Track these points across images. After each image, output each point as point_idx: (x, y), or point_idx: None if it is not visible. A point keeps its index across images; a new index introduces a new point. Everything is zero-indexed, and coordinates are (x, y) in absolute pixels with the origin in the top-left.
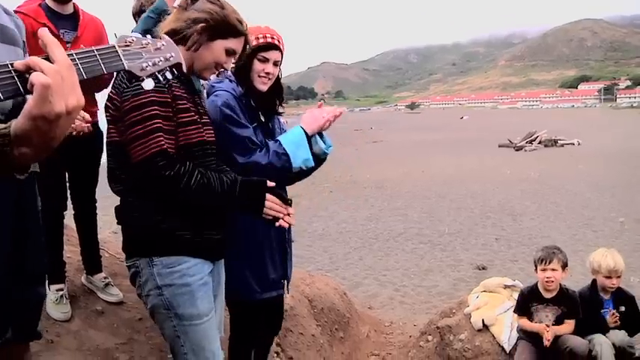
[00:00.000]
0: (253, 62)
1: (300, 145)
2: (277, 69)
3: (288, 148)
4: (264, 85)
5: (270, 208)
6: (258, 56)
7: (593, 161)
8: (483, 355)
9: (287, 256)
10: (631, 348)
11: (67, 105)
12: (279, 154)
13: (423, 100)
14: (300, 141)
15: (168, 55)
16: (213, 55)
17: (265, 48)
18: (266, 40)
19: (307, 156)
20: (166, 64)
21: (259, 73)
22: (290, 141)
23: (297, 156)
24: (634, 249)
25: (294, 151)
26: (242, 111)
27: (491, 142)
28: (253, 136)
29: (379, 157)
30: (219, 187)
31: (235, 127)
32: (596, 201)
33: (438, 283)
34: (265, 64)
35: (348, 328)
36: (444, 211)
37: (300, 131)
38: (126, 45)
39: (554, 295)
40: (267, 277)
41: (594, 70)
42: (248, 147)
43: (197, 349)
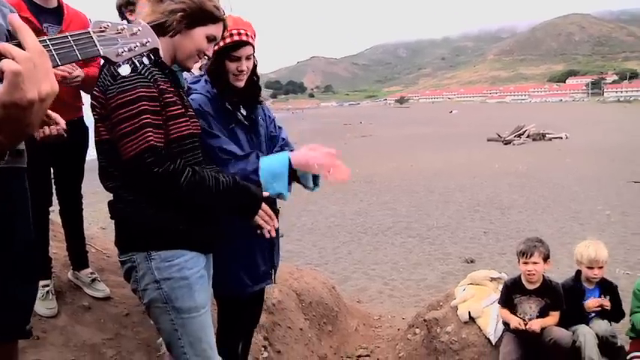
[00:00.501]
0: (225, 63)
1: (278, 179)
2: (251, 62)
3: (263, 176)
4: (241, 81)
5: (261, 217)
6: (228, 56)
7: (580, 155)
8: (470, 347)
9: (275, 248)
10: (613, 337)
11: (39, 92)
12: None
13: (413, 94)
14: (281, 174)
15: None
16: (194, 44)
17: (235, 47)
18: (233, 39)
19: (282, 190)
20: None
21: (233, 72)
22: (269, 170)
23: (272, 187)
24: (620, 241)
25: (270, 181)
26: (217, 113)
27: (479, 136)
28: (226, 144)
29: (368, 152)
30: (214, 187)
31: (205, 137)
32: (582, 194)
33: (427, 276)
34: (238, 62)
35: (336, 322)
36: (433, 205)
37: (284, 164)
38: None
39: (538, 286)
40: (257, 270)
41: (582, 64)
42: (219, 157)
43: (194, 342)
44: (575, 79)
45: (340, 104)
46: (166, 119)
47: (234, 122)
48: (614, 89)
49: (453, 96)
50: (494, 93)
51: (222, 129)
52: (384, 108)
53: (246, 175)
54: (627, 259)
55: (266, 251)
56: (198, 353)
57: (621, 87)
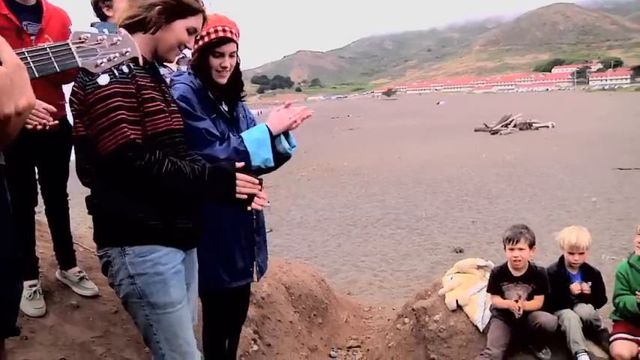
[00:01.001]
0: (209, 58)
1: (262, 145)
2: (235, 59)
3: (249, 146)
4: (223, 78)
5: (242, 187)
6: (212, 52)
7: (566, 143)
8: (458, 334)
9: (256, 245)
10: (597, 321)
11: (16, 106)
12: (239, 151)
13: (400, 86)
14: (263, 140)
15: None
16: (175, 37)
17: (218, 43)
18: (218, 35)
19: (268, 155)
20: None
21: (217, 68)
22: (253, 139)
23: (258, 155)
24: (606, 227)
25: (256, 149)
26: (201, 102)
27: (467, 126)
28: (211, 128)
29: (356, 144)
30: (190, 175)
31: (191, 120)
32: (569, 182)
33: (416, 267)
34: (221, 58)
35: (326, 314)
36: (421, 196)
37: (264, 130)
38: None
39: (524, 273)
40: (235, 266)
41: (567, 53)
42: (205, 139)
43: (170, 337)
44: (560, 68)
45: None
46: (144, 115)
47: (216, 113)
48: (599, 78)
49: (440, 87)
50: (480, 83)
51: (206, 115)
52: (372, 101)
53: (235, 147)
54: (613, 245)
55: (244, 248)
56: (174, 349)
57: (606, 75)
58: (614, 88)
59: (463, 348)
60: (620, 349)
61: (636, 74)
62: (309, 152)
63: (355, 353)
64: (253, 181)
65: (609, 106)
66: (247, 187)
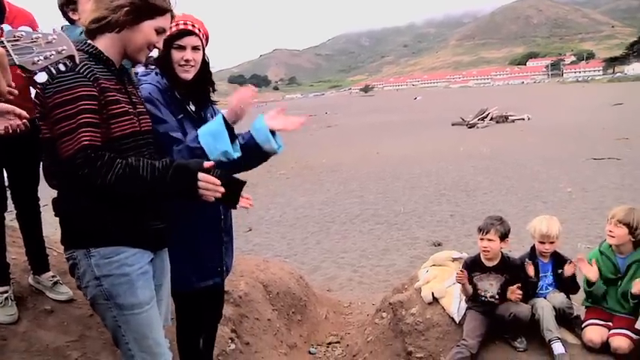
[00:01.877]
0: (171, 52)
1: (218, 137)
2: (199, 54)
3: (203, 140)
4: (188, 73)
5: (204, 188)
6: (174, 45)
7: (542, 135)
8: (434, 326)
9: (224, 245)
10: (569, 309)
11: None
12: (194, 148)
13: (377, 82)
14: (218, 132)
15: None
16: (144, 37)
17: (179, 36)
18: (178, 27)
19: (226, 148)
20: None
21: (179, 62)
22: (207, 132)
23: (215, 148)
24: (581, 217)
25: (211, 143)
26: (167, 103)
27: (444, 121)
28: (172, 131)
29: (334, 142)
30: (148, 175)
31: (153, 123)
32: (545, 173)
33: (396, 261)
34: (183, 51)
35: (305, 311)
36: (400, 191)
37: (220, 121)
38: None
39: (496, 263)
40: (202, 266)
41: (541, 46)
42: (164, 143)
43: (139, 338)
44: (535, 61)
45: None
46: (108, 118)
47: (182, 114)
48: (573, 70)
49: (417, 82)
50: (457, 78)
51: (171, 117)
52: (349, 97)
53: (188, 145)
54: (588, 234)
55: (213, 247)
56: (143, 349)
57: (579, 67)
58: (587, 80)
59: (440, 340)
60: (591, 334)
61: (608, 66)
62: (288, 150)
63: (335, 349)
64: (215, 182)
65: (583, 97)
66: (209, 189)
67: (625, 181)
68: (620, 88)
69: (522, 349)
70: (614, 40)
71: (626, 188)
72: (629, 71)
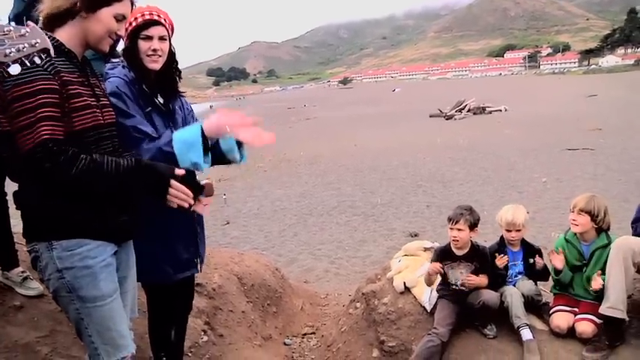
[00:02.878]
0: (138, 43)
1: (192, 147)
2: (166, 44)
3: (177, 147)
4: (156, 62)
5: (174, 197)
6: (140, 36)
7: (518, 126)
8: (406, 316)
9: (198, 236)
10: (538, 296)
11: None
12: (165, 152)
13: (356, 74)
14: (193, 142)
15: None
16: (103, 26)
17: (145, 26)
18: (144, 18)
19: (198, 160)
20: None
21: (146, 52)
22: (183, 140)
23: (186, 157)
24: (555, 206)
25: (184, 152)
26: (134, 96)
27: (422, 112)
28: (140, 125)
29: (313, 134)
30: (113, 171)
31: (120, 117)
32: (521, 164)
33: (372, 252)
34: (150, 41)
35: (280, 303)
36: (377, 183)
37: (197, 132)
38: None
39: (466, 252)
40: (178, 257)
41: (518, 38)
42: (132, 137)
43: (102, 330)
44: (512, 53)
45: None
46: (69, 111)
47: (151, 106)
48: (550, 62)
49: (396, 74)
50: (435, 70)
51: (138, 111)
52: (328, 90)
53: (160, 148)
54: (562, 223)
55: (187, 239)
56: (106, 342)
57: (555, 59)
58: (563, 72)
59: (412, 329)
60: (558, 320)
61: (583, 58)
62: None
63: (310, 340)
64: (187, 194)
65: (559, 89)
66: (179, 199)
67: (598, 171)
68: (594, 79)
69: (492, 336)
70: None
71: (599, 178)
72: (603, 63)
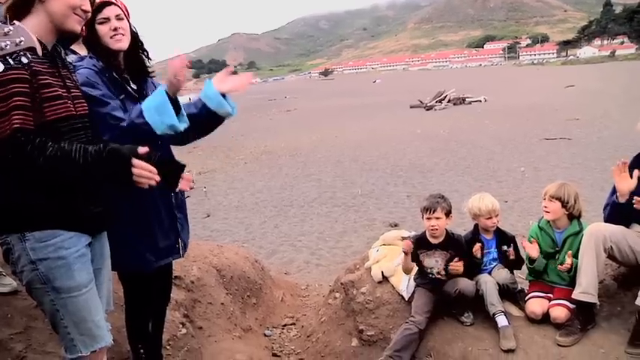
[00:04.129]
0: (96, 29)
1: (162, 110)
2: (125, 23)
3: (148, 116)
4: (121, 42)
5: (138, 174)
6: (97, 21)
7: (498, 116)
8: (384, 305)
9: (178, 221)
10: (513, 284)
11: None
12: (138, 125)
13: (336, 66)
14: (162, 104)
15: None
16: (62, 2)
17: (98, 10)
18: (96, 1)
19: (172, 121)
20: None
21: (108, 34)
22: (151, 106)
23: (161, 122)
24: (533, 195)
25: (157, 117)
26: (105, 85)
27: (403, 103)
28: (115, 111)
29: (293, 126)
30: (80, 158)
31: (94, 106)
32: (500, 153)
33: (353, 243)
34: (108, 22)
35: (260, 294)
36: (357, 174)
37: (162, 94)
38: None
39: (441, 240)
40: (158, 244)
41: (498, 29)
42: (108, 124)
43: (78, 321)
44: (492, 44)
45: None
46: (40, 101)
47: (124, 94)
48: (529, 53)
49: (377, 66)
50: (416, 61)
51: (112, 97)
52: (309, 81)
53: (133, 121)
54: (540, 212)
55: (167, 225)
56: (83, 332)
57: (534, 50)
58: (542, 63)
59: (390, 317)
60: (533, 306)
61: (561, 49)
62: (247, 135)
63: (290, 330)
64: (149, 169)
65: (538, 79)
66: (144, 176)
67: (575, 160)
68: (572, 70)
69: (469, 324)
70: (567, 24)
71: (576, 167)
72: (580, 54)
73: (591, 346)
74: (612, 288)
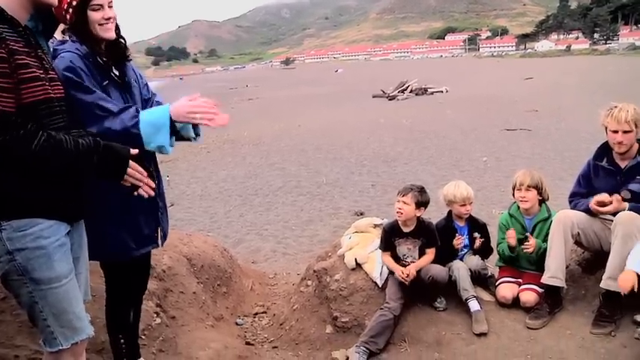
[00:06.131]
0: (87, 15)
1: (160, 130)
2: (113, 10)
3: (144, 129)
4: (110, 31)
5: (131, 176)
6: (90, 7)
7: (459, 107)
8: (358, 291)
9: (159, 210)
10: (484, 270)
11: None
12: (131, 133)
13: (298, 55)
14: (162, 125)
15: None
16: None
17: None
18: None
19: (164, 143)
20: None
21: (99, 21)
22: (151, 122)
23: (153, 140)
24: (496, 184)
25: (151, 134)
26: (90, 70)
27: (365, 93)
28: (102, 101)
29: (256, 115)
30: (73, 149)
31: (79, 93)
32: (462, 143)
33: (319, 231)
34: (101, 10)
35: (230, 283)
36: (321, 163)
37: (165, 116)
38: None
39: (413, 228)
40: (140, 232)
41: (459, 21)
42: (95, 114)
43: (58, 313)
44: (453, 35)
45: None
46: (18, 82)
47: (108, 80)
48: (488, 45)
49: (339, 55)
50: (378, 51)
51: (96, 85)
52: (270, 70)
53: (127, 128)
54: (502, 200)
55: (148, 213)
56: (63, 324)
57: (494, 42)
58: (501, 55)
59: (364, 304)
60: (503, 291)
61: (520, 42)
62: None
63: (262, 319)
64: (143, 173)
65: (498, 71)
66: (135, 178)
67: (535, 151)
68: (530, 63)
69: (442, 309)
70: (526, 17)
71: (536, 157)
72: (538, 47)
73: (559, 328)
74: (577, 272)
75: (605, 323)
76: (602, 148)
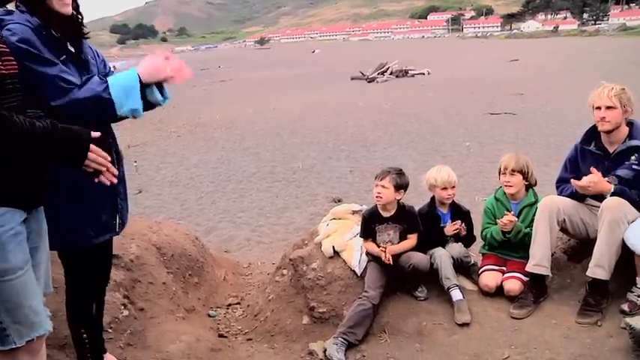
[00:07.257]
0: None
1: (130, 93)
2: None
3: (115, 94)
4: (67, 6)
5: (93, 161)
6: None
7: (442, 90)
8: (336, 280)
9: (119, 197)
10: (467, 257)
11: None
12: (103, 98)
13: (273, 34)
14: (132, 87)
15: None
16: None
17: None
18: None
19: (136, 106)
20: None
21: None
22: (120, 86)
23: (125, 104)
24: (479, 170)
25: (122, 98)
26: (44, 44)
27: (343, 75)
28: (65, 73)
29: (229, 97)
30: (28, 132)
31: (40, 66)
32: (445, 127)
33: (295, 219)
34: None
35: (202, 273)
36: (297, 148)
37: (134, 77)
38: None
39: (393, 213)
40: (98, 218)
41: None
42: (60, 87)
43: (12, 307)
44: (435, 15)
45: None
46: None
47: (65, 54)
48: (472, 25)
49: (316, 35)
50: (356, 31)
51: (55, 58)
52: (244, 50)
53: (97, 93)
54: (485, 187)
55: (107, 199)
56: (18, 320)
57: (479, 22)
58: (486, 36)
59: (342, 293)
60: (486, 279)
61: (506, 22)
62: (178, 107)
63: (235, 310)
64: (106, 157)
65: (482, 53)
66: (97, 163)
67: (519, 136)
68: (516, 44)
69: (423, 298)
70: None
71: (520, 142)
72: (524, 28)
73: (544, 317)
74: (562, 260)
75: (591, 312)
76: (590, 131)
